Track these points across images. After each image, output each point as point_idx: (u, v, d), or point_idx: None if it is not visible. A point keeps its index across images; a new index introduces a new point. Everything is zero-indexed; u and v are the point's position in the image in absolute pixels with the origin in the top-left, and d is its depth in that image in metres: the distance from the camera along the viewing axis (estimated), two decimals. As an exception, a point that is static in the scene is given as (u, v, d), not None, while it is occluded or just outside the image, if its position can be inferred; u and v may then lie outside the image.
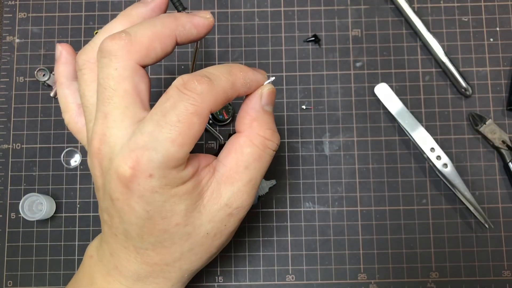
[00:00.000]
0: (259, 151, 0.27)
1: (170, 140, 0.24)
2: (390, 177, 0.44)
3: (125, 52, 0.26)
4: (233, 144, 0.28)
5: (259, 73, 0.29)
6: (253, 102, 0.28)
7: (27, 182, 0.45)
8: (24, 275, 0.44)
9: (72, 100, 0.31)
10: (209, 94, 0.25)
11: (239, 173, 0.27)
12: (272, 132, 0.28)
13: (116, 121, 0.26)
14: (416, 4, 0.47)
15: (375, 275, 0.43)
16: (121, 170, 0.24)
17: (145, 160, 0.24)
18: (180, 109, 0.24)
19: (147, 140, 0.24)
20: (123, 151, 0.25)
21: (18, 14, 0.47)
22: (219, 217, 0.27)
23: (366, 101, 0.45)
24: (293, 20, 0.47)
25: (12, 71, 0.46)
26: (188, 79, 0.25)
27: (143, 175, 0.24)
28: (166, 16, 0.28)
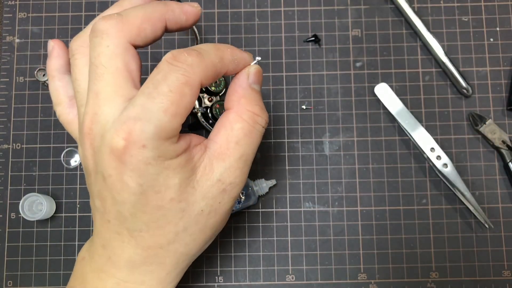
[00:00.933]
0: (249, 126, 0.28)
1: (163, 110, 0.24)
2: (390, 177, 0.44)
3: (117, 30, 0.26)
4: (222, 121, 0.28)
5: (246, 53, 0.29)
6: (240, 80, 0.29)
7: (27, 182, 0.45)
8: (24, 275, 0.44)
9: (63, 92, 0.32)
10: (199, 65, 0.25)
11: (230, 148, 0.27)
12: (260, 108, 0.29)
13: (108, 98, 0.26)
14: (416, 4, 0.47)
15: (375, 275, 0.43)
16: (113, 143, 0.24)
17: (137, 130, 0.24)
18: (171, 79, 0.24)
19: (139, 111, 0.24)
20: (115, 125, 0.25)
21: (18, 14, 0.47)
22: (212, 193, 0.27)
23: (366, 101, 0.45)
24: (293, 20, 0.47)
25: (12, 71, 0.46)
26: (178, 52, 0.25)
27: (136, 146, 0.24)
28: (156, 2, 0.29)
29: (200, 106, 0.43)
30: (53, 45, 0.32)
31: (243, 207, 0.43)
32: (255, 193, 0.43)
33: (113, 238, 0.27)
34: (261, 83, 0.30)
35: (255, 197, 0.43)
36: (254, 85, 0.29)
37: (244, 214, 0.44)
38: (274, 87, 0.46)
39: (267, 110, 0.45)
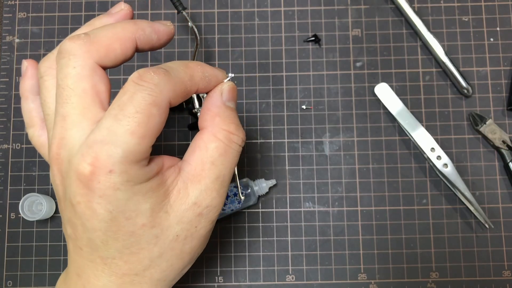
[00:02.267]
0: (225, 146, 0.27)
1: (129, 132, 0.23)
2: (390, 177, 0.44)
3: (84, 51, 0.25)
4: (196, 141, 0.27)
5: (218, 70, 0.28)
6: (214, 98, 0.28)
7: (26, 182, 0.45)
8: (24, 275, 0.44)
9: (36, 114, 0.31)
10: (167, 85, 0.24)
11: (206, 170, 0.26)
12: (236, 126, 0.28)
13: (75, 122, 0.25)
14: (416, 4, 0.47)
15: (375, 275, 0.43)
16: (80, 169, 0.23)
17: (104, 155, 0.23)
18: (137, 100, 0.23)
19: (105, 134, 0.23)
20: (81, 149, 0.24)
21: (18, 14, 0.47)
22: (188, 218, 0.26)
23: (366, 101, 0.45)
24: (293, 20, 0.47)
25: (11, 71, 0.46)
26: (144, 71, 0.24)
27: (103, 171, 0.23)
28: (126, 21, 0.28)
29: (200, 106, 0.43)
30: (27, 65, 0.32)
31: (243, 207, 0.43)
32: (255, 193, 0.43)
33: (87, 266, 0.26)
34: (235, 100, 0.29)
35: (255, 197, 0.43)
36: (229, 102, 0.28)
37: (244, 214, 0.44)
38: (274, 87, 0.46)
39: (267, 110, 0.45)
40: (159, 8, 0.47)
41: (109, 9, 0.31)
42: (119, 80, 0.46)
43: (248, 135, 0.45)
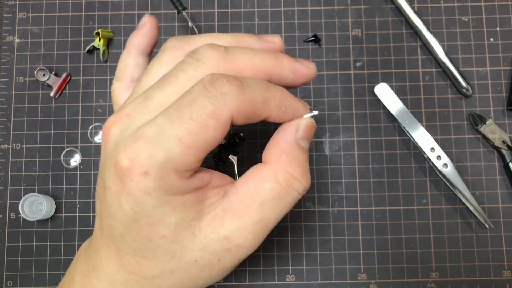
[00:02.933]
0: (281, 190, 0.24)
1: (177, 137, 0.21)
2: (390, 177, 0.44)
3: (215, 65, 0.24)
4: (254, 173, 0.25)
5: (300, 102, 0.25)
6: (286, 133, 0.25)
7: (27, 182, 0.45)
8: (24, 275, 0.44)
9: (129, 71, 0.30)
10: (234, 99, 0.22)
11: (251, 208, 0.24)
12: (302, 171, 0.25)
13: (150, 107, 0.24)
14: (416, 4, 0.47)
15: (375, 275, 0.43)
16: (119, 159, 0.22)
17: (145, 154, 0.22)
18: (196, 106, 0.22)
19: (153, 132, 0.22)
20: (128, 139, 0.23)
21: (18, 14, 0.47)
22: (213, 249, 0.24)
23: (366, 101, 0.45)
24: (293, 20, 0.47)
25: (12, 71, 0.46)
26: (217, 76, 0.22)
27: (138, 171, 0.22)
28: (269, 51, 0.26)
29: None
30: (147, 21, 0.30)
31: (243, 207, 0.43)
32: (255, 193, 0.42)
33: (103, 247, 0.26)
34: (310, 141, 0.26)
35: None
36: (302, 141, 0.25)
37: (244, 214, 0.44)
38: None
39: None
40: (159, 8, 0.47)
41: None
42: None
43: (248, 135, 0.45)
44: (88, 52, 0.46)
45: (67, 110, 0.46)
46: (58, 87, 0.45)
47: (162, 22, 0.47)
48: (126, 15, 0.47)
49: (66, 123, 0.45)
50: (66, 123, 0.45)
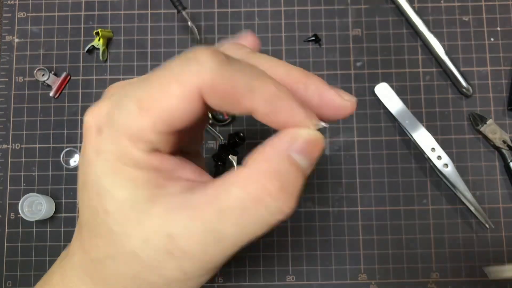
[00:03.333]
0: (247, 202, 0.19)
1: (136, 98, 0.19)
2: (390, 177, 0.44)
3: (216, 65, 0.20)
4: (229, 175, 0.20)
5: (301, 108, 0.20)
6: (278, 140, 0.20)
7: (26, 182, 0.45)
8: (23, 276, 0.43)
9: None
10: (209, 69, 0.18)
11: (207, 212, 0.19)
12: (281, 188, 0.19)
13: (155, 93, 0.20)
14: (417, 4, 0.47)
15: (375, 275, 0.43)
16: (84, 117, 0.21)
17: (103, 111, 0.20)
18: (166, 69, 0.19)
19: (121, 94, 0.20)
20: (105, 92, 0.22)
21: (17, 13, 0.47)
22: (155, 245, 0.19)
23: (366, 101, 0.45)
24: (293, 20, 0.46)
25: (11, 71, 0.46)
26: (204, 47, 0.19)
27: (94, 128, 0.20)
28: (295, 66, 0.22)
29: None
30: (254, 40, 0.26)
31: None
32: (255, 193, 0.42)
33: (76, 231, 0.24)
34: (313, 161, 0.20)
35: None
36: (298, 156, 0.20)
37: (244, 214, 0.44)
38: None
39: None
40: (159, 8, 0.47)
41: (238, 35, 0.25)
42: (118, 80, 0.46)
43: (248, 135, 0.45)
44: (87, 52, 0.46)
45: (67, 110, 0.45)
46: (57, 87, 0.45)
47: (162, 22, 0.47)
48: (125, 14, 0.47)
49: (66, 123, 0.45)
50: (66, 123, 0.45)
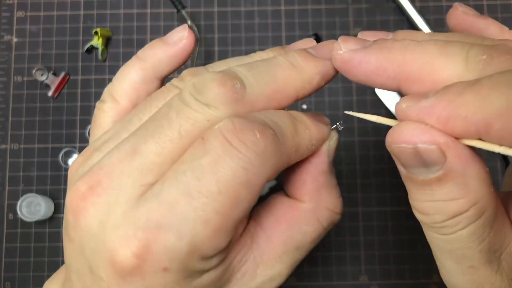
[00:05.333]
0: (322, 230, 0.21)
1: (203, 220, 0.16)
2: (391, 177, 0.44)
3: (230, 111, 0.18)
4: (286, 213, 0.21)
5: (323, 125, 0.21)
6: (319, 162, 0.21)
7: (25, 183, 0.44)
8: (22, 277, 0.43)
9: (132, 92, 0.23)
10: (272, 158, 0.17)
11: (287, 254, 0.20)
12: (341, 201, 0.21)
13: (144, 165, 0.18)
14: (418, 3, 0.46)
15: (376, 276, 0.43)
16: (119, 256, 0.17)
17: (160, 247, 0.16)
18: (224, 172, 0.16)
19: (165, 213, 0.16)
20: (125, 223, 0.17)
21: (16, 13, 0.47)
22: None
23: (367, 101, 0.45)
24: (294, 19, 0.46)
25: (10, 71, 0.46)
26: (244, 126, 0.17)
27: (153, 268, 0.17)
28: (288, 66, 0.20)
29: None
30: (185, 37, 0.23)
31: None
32: (255, 194, 0.42)
33: None
34: None
35: None
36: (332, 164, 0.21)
37: (244, 215, 0.44)
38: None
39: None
40: (159, 7, 0.47)
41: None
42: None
43: (248, 135, 0.45)
44: (86, 52, 0.46)
45: (66, 110, 0.45)
46: (56, 86, 0.45)
47: (162, 21, 0.46)
48: (125, 14, 0.46)
49: (65, 123, 0.45)
50: (65, 123, 0.45)
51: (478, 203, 0.16)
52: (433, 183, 0.16)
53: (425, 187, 0.17)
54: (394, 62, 0.18)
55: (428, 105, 0.16)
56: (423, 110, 0.16)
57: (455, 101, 0.15)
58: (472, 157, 0.16)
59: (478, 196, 0.16)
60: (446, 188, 0.16)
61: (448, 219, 0.17)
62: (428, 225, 0.18)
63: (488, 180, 0.17)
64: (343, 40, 0.20)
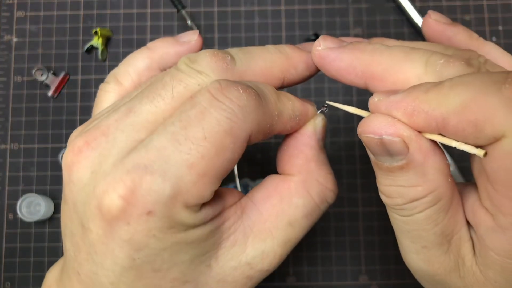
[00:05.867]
0: (314, 205, 0.21)
1: (188, 164, 0.17)
2: (391, 177, 0.44)
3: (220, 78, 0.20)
4: (276, 187, 0.21)
5: (308, 104, 0.23)
6: (307, 137, 0.22)
7: (25, 183, 0.44)
8: (22, 277, 0.43)
9: (135, 77, 0.24)
10: (254, 112, 0.18)
11: (278, 229, 0.21)
12: (333, 178, 0.22)
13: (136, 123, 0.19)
14: (418, 3, 0.46)
15: (376, 276, 0.43)
16: (105, 200, 0.17)
17: (145, 188, 0.17)
18: (210, 121, 0.17)
19: (152, 157, 0.17)
20: (115, 169, 0.18)
21: (16, 12, 0.47)
22: (233, 277, 0.20)
23: (367, 101, 0.45)
24: (294, 19, 0.46)
25: (9, 71, 0.46)
26: (228, 84, 0.18)
27: (137, 211, 0.17)
28: (276, 50, 0.22)
29: None
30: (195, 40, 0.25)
31: (243, 208, 0.42)
32: (255, 194, 0.42)
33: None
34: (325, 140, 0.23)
35: None
36: (321, 142, 0.23)
37: (244, 215, 0.44)
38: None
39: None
40: (159, 7, 0.47)
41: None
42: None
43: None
44: (86, 52, 0.46)
45: (66, 110, 0.45)
46: (56, 86, 0.45)
47: (162, 21, 0.46)
48: (125, 14, 0.46)
49: (65, 123, 0.45)
50: (65, 123, 0.45)
51: (435, 191, 0.18)
52: (396, 170, 0.18)
53: (389, 173, 0.19)
54: (363, 62, 0.20)
55: (396, 100, 0.18)
56: (391, 104, 0.18)
57: (419, 97, 0.17)
58: (432, 150, 0.18)
59: (435, 185, 0.18)
60: (407, 176, 0.18)
61: (407, 202, 0.19)
62: (390, 207, 0.20)
63: (446, 171, 0.19)
64: (323, 39, 0.22)
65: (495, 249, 0.18)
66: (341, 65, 0.21)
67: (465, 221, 0.20)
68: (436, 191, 0.19)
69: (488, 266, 0.19)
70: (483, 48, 0.23)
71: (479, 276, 0.19)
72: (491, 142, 0.17)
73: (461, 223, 0.20)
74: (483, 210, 0.19)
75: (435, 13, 0.25)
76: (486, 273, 0.19)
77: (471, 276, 0.20)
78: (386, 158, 0.19)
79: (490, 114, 0.16)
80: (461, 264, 0.20)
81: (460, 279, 0.20)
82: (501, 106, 0.16)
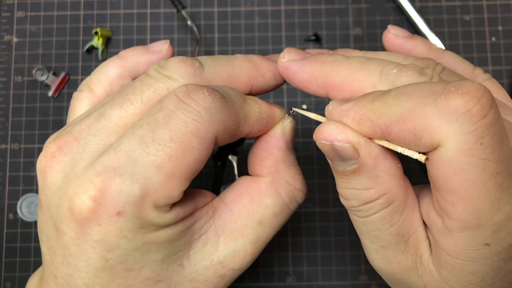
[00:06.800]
0: (283, 205, 0.22)
1: (155, 165, 0.18)
2: (391, 177, 0.44)
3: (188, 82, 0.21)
4: (247, 188, 0.22)
5: (275, 107, 0.23)
6: (276, 139, 0.23)
7: (25, 183, 0.44)
8: (22, 276, 0.43)
9: (107, 85, 0.25)
10: (219, 114, 0.19)
11: (249, 228, 0.21)
12: (302, 178, 0.23)
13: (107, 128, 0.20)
14: (418, 3, 0.46)
15: (376, 276, 0.43)
16: (76, 201, 0.18)
17: (114, 189, 0.18)
18: (176, 123, 0.18)
19: (121, 160, 0.18)
20: (85, 172, 0.18)
21: (16, 12, 0.47)
22: (205, 277, 0.21)
23: (367, 101, 0.45)
24: (294, 19, 0.46)
25: (10, 71, 0.46)
26: (195, 88, 0.19)
27: (108, 212, 0.18)
28: (245, 59, 0.23)
29: None
30: (166, 49, 0.26)
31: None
32: (255, 194, 0.42)
33: None
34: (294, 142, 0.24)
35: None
36: (290, 144, 0.23)
37: (244, 215, 0.44)
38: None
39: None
40: (159, 7, 0.47)
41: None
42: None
43: (248, 135, 0.45)
44: (86, 52, 0.46)
45: (66, 110, 0.45)
46: (56, 86, 0.45)
47: (162, 21, 0.46)
48: (125, 14, 0.46)
49: (64, 123, 0.45)
50: (64, 123, 0.45)
51: (387, 193, 0.19)
52: (350, 174, 0.20)
53: (344, 176, 0.20)
54: (323, 73, 0.21)
55: (347, 108, 0.19)
56: (342, 112, 0.19)
57: (366, 106, 0.18)
58: (383, 154, 0.19)
59: (387, 187, 0.19)
60: (360, 179, 0.19)
61: (362, 204, 0.20)
62: (348, 208, 0.21)
63: (398, 174, 0.20)
64: (287, 51, 0.23)
65: (445, 249, 0.19)
66: (303, 76, 0.22)
67: (421, 221, 0.21)
68: (388, 193, 0.20)
69: (441, 265, 0.20)
70: (441, 57, 0.24)
71: (435, 275, 0.20)
72: (430, 150, 0.18)
73: (417, 224, 0.20)
74: (435, 212, 0.20)
75: (394, 27, 0.25)
76: (441, 272, 0.20)
77: (428, 275, 0.20)
78: (339, 162, 0.20)
79: (426, 124, 0.17)
80: (419, 263, 0.21)
81: (418, 277, 0.21)
82: (436, 116, 0.17)
